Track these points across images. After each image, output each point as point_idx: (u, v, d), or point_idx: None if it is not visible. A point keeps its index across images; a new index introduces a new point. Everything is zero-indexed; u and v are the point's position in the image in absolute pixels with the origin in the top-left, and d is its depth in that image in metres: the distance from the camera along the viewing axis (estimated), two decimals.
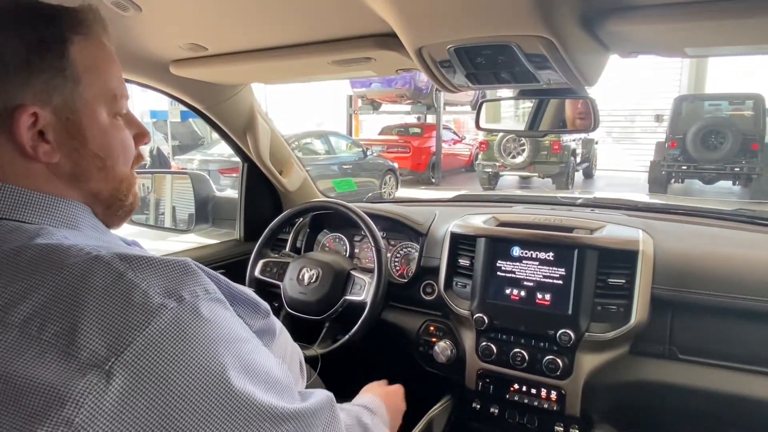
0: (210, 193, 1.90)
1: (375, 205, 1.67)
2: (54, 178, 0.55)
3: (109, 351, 0.42)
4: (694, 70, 12.55)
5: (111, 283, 0.45)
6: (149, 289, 0.45)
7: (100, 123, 0.57)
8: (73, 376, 0.41)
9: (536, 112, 1.26)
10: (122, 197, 0.62)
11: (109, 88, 0.58)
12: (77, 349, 0.42)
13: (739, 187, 8.62)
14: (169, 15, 0.98)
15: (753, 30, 0.75)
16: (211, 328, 0.47)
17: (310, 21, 0.97)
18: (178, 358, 0.44)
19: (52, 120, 0.53)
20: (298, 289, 1.41)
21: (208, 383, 0.44)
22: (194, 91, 1.42)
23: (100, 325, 0.43)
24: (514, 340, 1.25)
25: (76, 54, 0.55)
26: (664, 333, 1.16)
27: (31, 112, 0.52)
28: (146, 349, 0.43)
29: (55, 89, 0.53)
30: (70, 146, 0.55)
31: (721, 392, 1.10)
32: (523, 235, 1.29)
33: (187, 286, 0.48)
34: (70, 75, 0.54)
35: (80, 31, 0.56)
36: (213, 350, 0.46)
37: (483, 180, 10.11)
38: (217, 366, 0.45)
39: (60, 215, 0.55)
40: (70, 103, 0.54)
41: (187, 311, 0.46)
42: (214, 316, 0.48)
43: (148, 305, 0.44)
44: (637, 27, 0.77)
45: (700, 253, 1.21)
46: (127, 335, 0.43)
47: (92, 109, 0.56)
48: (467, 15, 0.78)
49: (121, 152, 0.60)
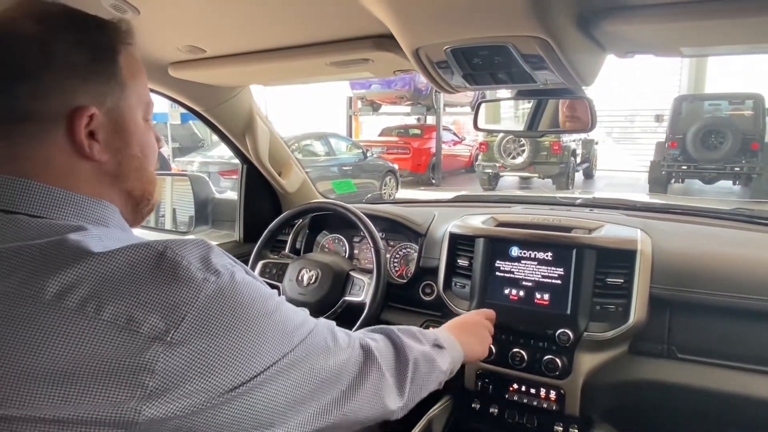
0: (209, 194, 1.91)
1: (374, 206, 1.68)
2: (97, 176, 0.59)
3: (167, 324, 0.46)
4: (694, 70, 12.56)
5: (155, 261, 0.49)
6: (190, 265, 0.50)
7: (140, 126, 0.63)
8: (140, 348, 0.45)
9: (535, 113, 1.27)
10: (149, 197, 0.67)
11: (145, 95, 0.64)
12: (137, 325, 0.46)
13: (740, 186, 8.61)
14: (167, 17, 0.98)
15: (748, 29, 0.75)
16: (246, 289, 0.54)
17: (308, 23, 0.97)
18: (230, 315, 0.51)
19: (104, 121, 0.58)
20: (298, 290, 1.42)
21: (261, 330, 0.53)
22: (193, 93, 1.42)
23: (154, 301, 0.47)
24: (513, 340, 1.25)
25: (123, 61, 0.60)
26: (662, 332, 1.17)
27: (91, 113, 0.56)
28: (199, 319, 0.48)
29: (109, 93, 0.58)
30: (116, 147, 0.60)
31: (720, 391, 1.10)
32: (522, 235, 1.29)
33: (219, 260, 0.53)
34: (119, 80, 0.59)
35: (125, 40, 0.61)
36: (254, 306, 0.54)
37: (483, 181, 10.12)
38: (262, 307, 0.54)
39: (93, 215, 0.58)
40: (118, 106, 0.59)
41: (226, 281, 0.52)
42: (245, 279, 0.55)
43: (193, 280, 0.49)
44: (632, 27, 0.77)
45: (698, 253, 1.21)
46: (181, 309, 0.47)
47: (134, 112, 0.62)
48: (463, 16, 0.78)
49: (152, 154, 0.66)
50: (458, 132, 14.01)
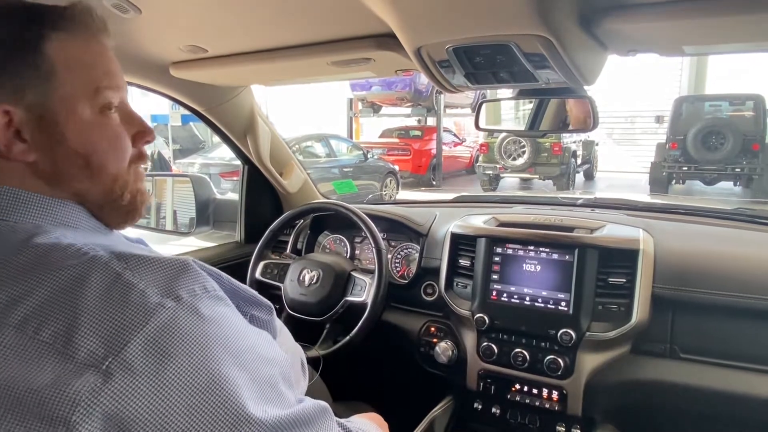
0: (211, 195, 1.90)
1: (375, 207, 1.67)
2: (34, 177, 0.54)
3: (106, 350, 0.42)
4: (694, 71, 12.55)
5: (109, 283, 0.45)
6: (147, 289, 0.45)
7: (82, 120, 0.55)
8: (71, 375, 0.41)
9: (536, 113, 1.26)
10: (116, 197, 0.60)
11: (92, 82, 0.56)
12: (74, 349, 0.42)
13: (740, 187, 8.60)
14: (168, 17, 0.98)
15: (751, 27, 0.75)
16: (209, 327, 0.46)
17: (310, 22, 0.97)
18: (176, 357, 0.43)
19: (25, 118, 0.52)
20: (299, 290, 1.41)
21: (206, 382, 0.44)
22: (194, 93, 1.42)
23: (97, 325, 0.43)
24: (515, 340, 1.25)
25: (53, 50, 0.54)
26: (665, 332, 1.16)
27: (4, 110, 0.51)
28: (144, 348, 0.42)
29: (28, 87, 0.52)
30: (47, 145, 0.54)
31: (722, 391, 1.09)
32: (524, 235, 1.29)
33: (186, 285, 0.47)
34: (44, 72, 0.53)
35: (60, 27, 0.55)
36: (211, 349, 0.45)
37: (484, 182, 10.11)
38: (214, 365, 0.45)
39: (55, 215, 0.54)
40: (43, 100, 0.53)
41: (185, 310, 0.45)
42: (213, 313, 0.48)
43: (146, 305, 0.44)
44: (634, 25, 0.77)
45: (700, 252, 1.21)
46: (124, 335, 0.42)
47: (71, 105, 0.54)
48: (465, 14, 0.78)
49: (110, 149, 0.58)
50: (459, 133, 14.01)
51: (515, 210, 1.57)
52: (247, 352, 0.49)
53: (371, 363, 1.66)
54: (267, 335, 0.56)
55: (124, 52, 1.13)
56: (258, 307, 0.62)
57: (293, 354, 0.87)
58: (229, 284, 0.57)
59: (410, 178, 11.11)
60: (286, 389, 0.52)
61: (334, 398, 1.28)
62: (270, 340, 0.56)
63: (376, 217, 1.53)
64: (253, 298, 0.61)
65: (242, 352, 0.48)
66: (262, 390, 0.48)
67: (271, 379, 0.50)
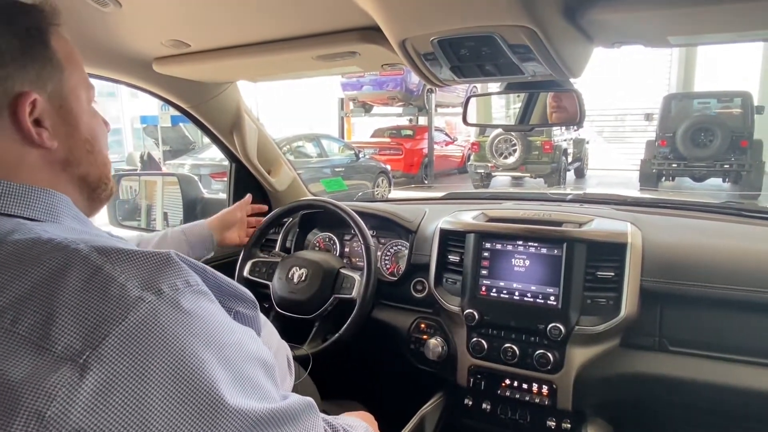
0: (198, 194, 1.89)
1: (365, 204, 1.66)
2: (47, 165, 0.57)
3: (84, 344, 0.41)
4: (683, 69, 12.66)
5: (88, 276, 0.44)
6: (127, 282, 0.44)
7: (85, 109, 0.61)
8: (47, 369, 0.40)
9: (525, 108, 1.26)
10: (106, 180, 0.65)
11: (85, 77, 0.61)
12: (51, 343, 0.41)
13: (729, 184, 8.68)
14: (150, 11, 0.97)
15: (735, 16, 0.75)
16: (190, 321, 0.45)
17: (293, 15, 0.96)
18: (155, 352, 0.42)
19: (47, 107, 0.55)
20: (288, 288, 1.40)
21: (186, 378, 0.43)
22: (178, 89, 1.40)
23: (75, 319, 0.42)
24: (504, 336, 1.24)
25: (56, 44, 0.57)
26: (654, 325, 1.16)
27: (32, 99, 0.53)
28: (122, 342, 0.41)
29: (48, 77, 0.56)
30: (65, 132, 0.58)
31: (712, 383, 1.10)
32: (512, 230, 1.29)
33: (168, 279, 0.46)
34: (56, 63, 0.57)
35: (54, 21, 0.58)
36: (191, 344, 0.44)
37: (475, 180, 10.14)
38: (194, 361, 0.43)
39: (39, 206, 0.54)
40: (60, 90, 0.57)
41: (166, 304, 0.44)
42: (196, 308, 0.47)
43: (125, 298, 0.43)
44: (618, 15, 0.77)
45: (688, 245, 1.21)
46: (102, 328, 0.41)
47: (77, 95, 0.59)
48: (449, 6, 0.77)
49: (102, 135, 0.64)
50: (450, 133, 14.03)
51: (504, 206, 1.57)
52: (230, 347, 0.48)
53: (361, 361, 1.65)
54: (251, 331, 0.55)
55: (106, 47, 1.11)
56: (243, 303, 0.61)
57: (278, 350, 0.85)
58: (213, 279, 0.56)
59: (402, 177, 11.12)
60: (269, 385, 0.51)
61: (325, 397, 1.27)
62: (254, 336, 0.55)
63: (366, 214, 1.52)
64: (237, 293, 0.60)
65: (224, 347, 0.47)
66: (243, 385, 0.47)
67: (254, 374, 0.49)
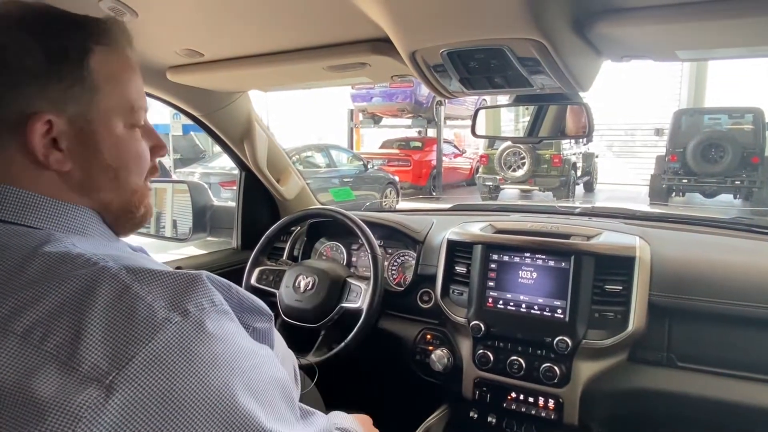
0: (208, 202, 1.90)
1: (372, 213, 1.67)
2: (64, 186, 0.55)
3: (111, 365, 0.41)
4: (694, 84, 12.62)
5: (117, 295, 0.44)
6: (154, 303, 0.45)
7: (116, 134, 0.57)
8: (73, 388, 0.40)
9: (535, 120, 1.27)
10: (134, 209, 0.62)
11: (128, 100, 0.58)
12: (78, 362, 0.41)
13: (740, 200, 8.60)
14: (165, 21, 0.99)
15: (744, 31, 0.75)
16: (215, 344, 0.46)
17: (305, 26, 0.98)
18: (182, 375, 0.43)
19: (66, 128, 0.53)
20: (294, 296, 1.40)
21: (211, 401, 0.43)
22: (191, 98, 1.42)
23: (103, 338, 0.42)
24: (510, 348, 1.23)
25: (97, 64, 0.55)
26: (662, 340, 1.15)
27: (46, 119, 0.52)
28: (149, 364, 0.42)
29: (72, 98, 0.54)
30: (83, 156, 0.55)
31: (720, 400, 1.08)
32: (520, 241, 1.29)
33: (193, 299, 0.47)
34: (88, 85, 0.54)
35: (103, 41, 0.56)
36: (217, 367, 0.45)
37: (484, 193, 10.11)
38: (220, 384, 0.44)
39: (68, 221, 0.55)
40: (85, 112, 0.55)
41: (192, 326, 0.45)
42: (219, 330, 0.47)
43: (153, 319, 0.44)
44: (627, 29, 0.77)
45: (697, 260, 1.20)
46: (130, 349, 0.42)
47: (108, 119, 0.56)
48: (459, 18, 0.78)
49: (134, 164, 0.60)
50: (459, 145, 14.05)
51: (512, 218, 1.57)
52: (251, 371, 0.49)
53: (366, 371, 1.64)
54: (269, 351, 0.56)
55: None
56: (260, 317, 0.61)
57: (285, 359, 0.86)
58: (237, 296, 0.56)
59: (410, 188, 11.13)
60: (284, 407, 0.52)
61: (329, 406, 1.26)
62: (272, 357, 0.55)
63: (373, 223, 1.52)
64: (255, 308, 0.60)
65: (246, 371, 0.48)
66: (265, 408, 0.48)
67: (272, 397, 0.50)
